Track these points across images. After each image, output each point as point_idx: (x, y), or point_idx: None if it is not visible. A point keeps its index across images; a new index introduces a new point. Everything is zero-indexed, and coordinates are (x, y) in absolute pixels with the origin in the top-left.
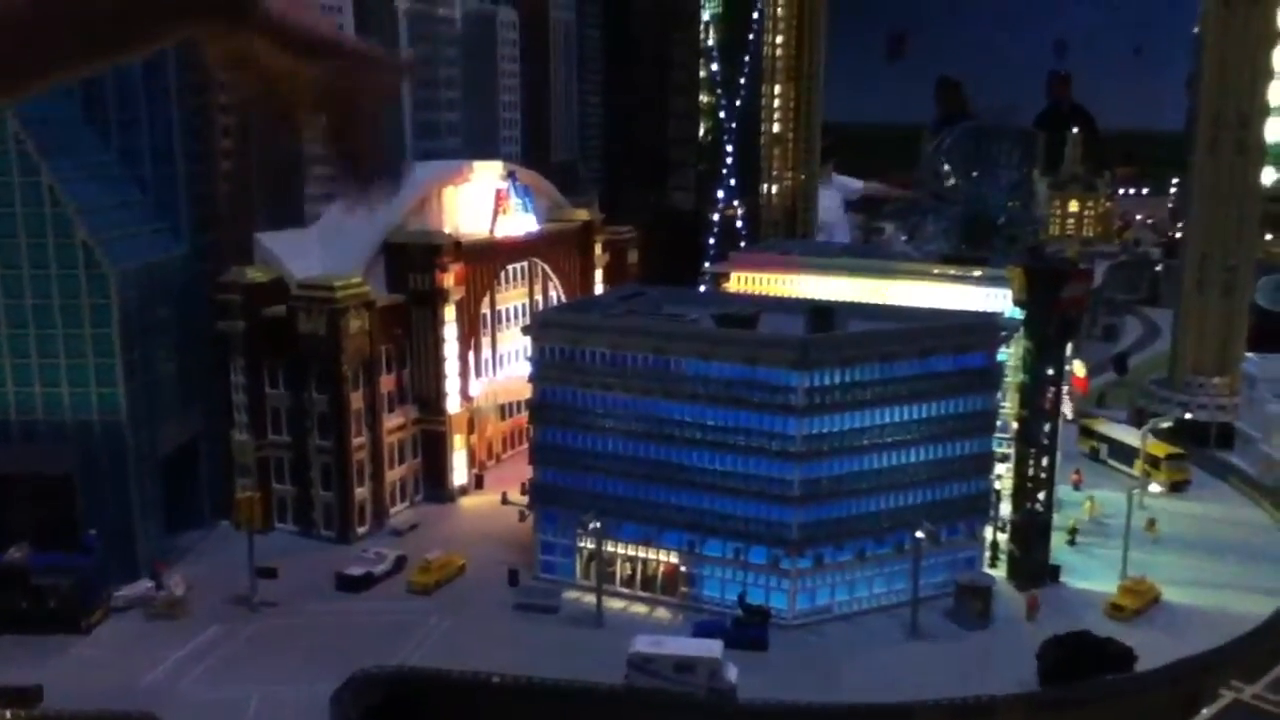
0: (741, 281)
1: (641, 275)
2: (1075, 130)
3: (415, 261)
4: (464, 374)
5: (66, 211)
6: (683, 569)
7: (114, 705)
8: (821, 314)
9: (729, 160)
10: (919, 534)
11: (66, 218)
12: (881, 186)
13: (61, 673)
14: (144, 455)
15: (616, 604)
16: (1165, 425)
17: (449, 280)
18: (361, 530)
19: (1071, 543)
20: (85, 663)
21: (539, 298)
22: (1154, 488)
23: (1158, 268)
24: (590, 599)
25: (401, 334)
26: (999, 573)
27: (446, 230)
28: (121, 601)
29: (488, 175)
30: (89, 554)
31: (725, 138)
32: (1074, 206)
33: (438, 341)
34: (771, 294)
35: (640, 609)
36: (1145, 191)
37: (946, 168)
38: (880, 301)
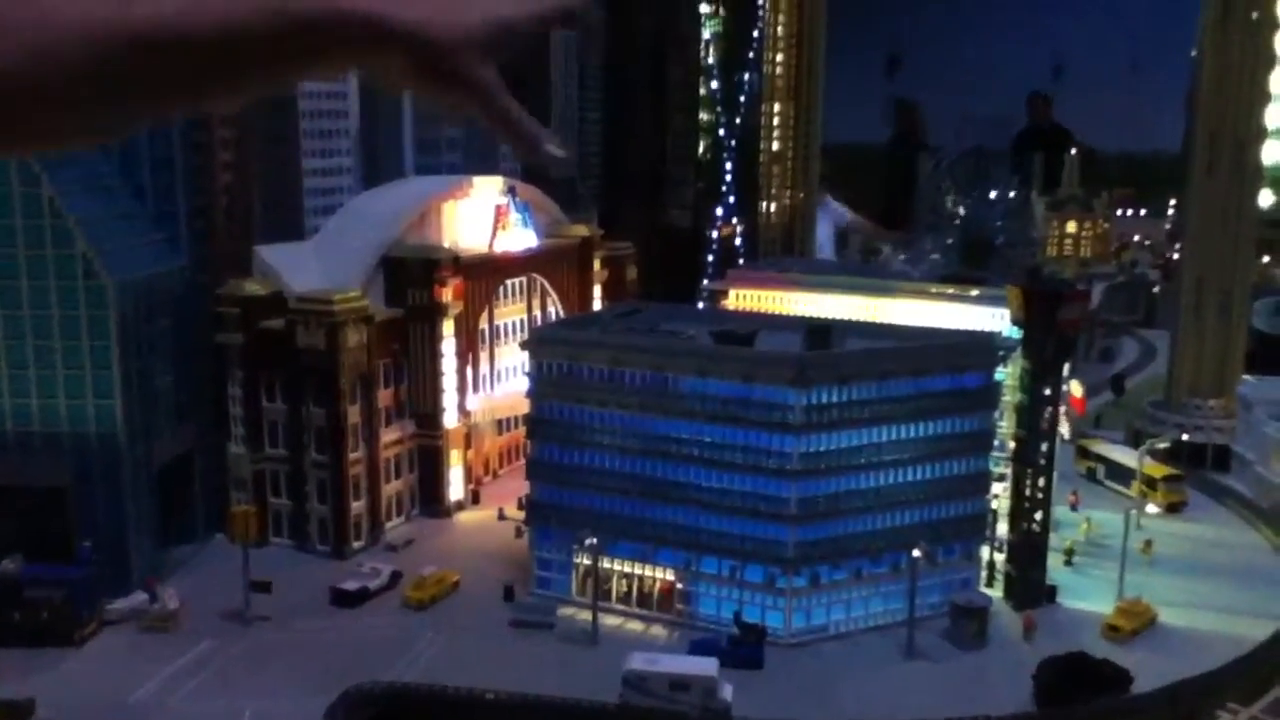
0: (739, 299)
1: (640, 292)
2: (1074, 151)
3: (414, 276)
4: (461, 389)
5: (66, 223)
6: (679, 586)
7: (106, 719)
8: (819, 332)
9: (728, 178)
10: (915, 553)
11: (66, 229)
12: (867, 223)
13: (54, 686)
14: (139, 467)
15: (612, 621)
16: (1162, 446)
17: (448, 295)
18: (357, 545)
19: (1068, 563)
20: (77, 676)
21: (537, 313)
22: (1151, 509)
23: (1155, 289)
24: (586, 616)
25: (399, 348)
26: (996, 593)
27: (445, 245)
28: (114, 614)
29: (487, 190)
30: (82, 566)
31: (724, 156)
32: (1071, 227)
33: (436, 356)
34: (769, 312)
35: (636, 626)
36: (1143, 212)
37: (948, 184)
38: (878, 320)
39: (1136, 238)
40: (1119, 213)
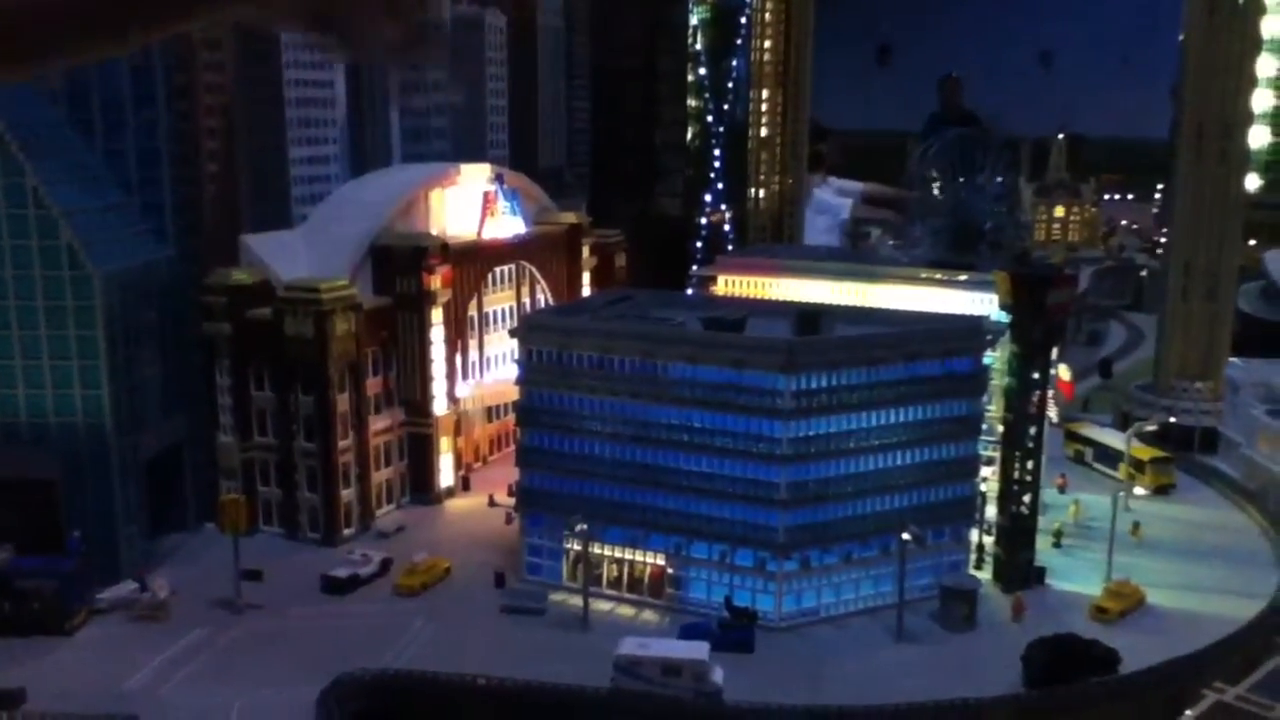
0: (729, 285)
1: (629, 279)
2: (1061, 136)
3: (402, 264)
4: (451, 376)
5: (51, 213)
6: (669, 571)
7: (97, 708)
8: (808, 318)
9: (716, 165)
10: (905, 537)
11: (51, 219)
12: (881, 187)
13: (45, 675)
14: (128, 458)
15: (603, 606)
16: (1150, 429)
17: (436, 283)
18: (347, 533)
19: (1057, 545)
20: (68, 665)
21: (526, 301)
22: (1139, 491)
23: (1142, 273)
24: (577, 601)
25: (388, 336)
26: (985, 575)
27: (434, 232)
28: (105, 604)
29: (475, 178)
30: (72, 557)
31: (713, 143)
32: (1059, 212)
33: (424, 344)
34: (759, 298)
35: (627, 611)
36: (1130, 197)
37: (933, 174)
38: (867, 305)
39: (1124, 222)
40: (1106, 198)
